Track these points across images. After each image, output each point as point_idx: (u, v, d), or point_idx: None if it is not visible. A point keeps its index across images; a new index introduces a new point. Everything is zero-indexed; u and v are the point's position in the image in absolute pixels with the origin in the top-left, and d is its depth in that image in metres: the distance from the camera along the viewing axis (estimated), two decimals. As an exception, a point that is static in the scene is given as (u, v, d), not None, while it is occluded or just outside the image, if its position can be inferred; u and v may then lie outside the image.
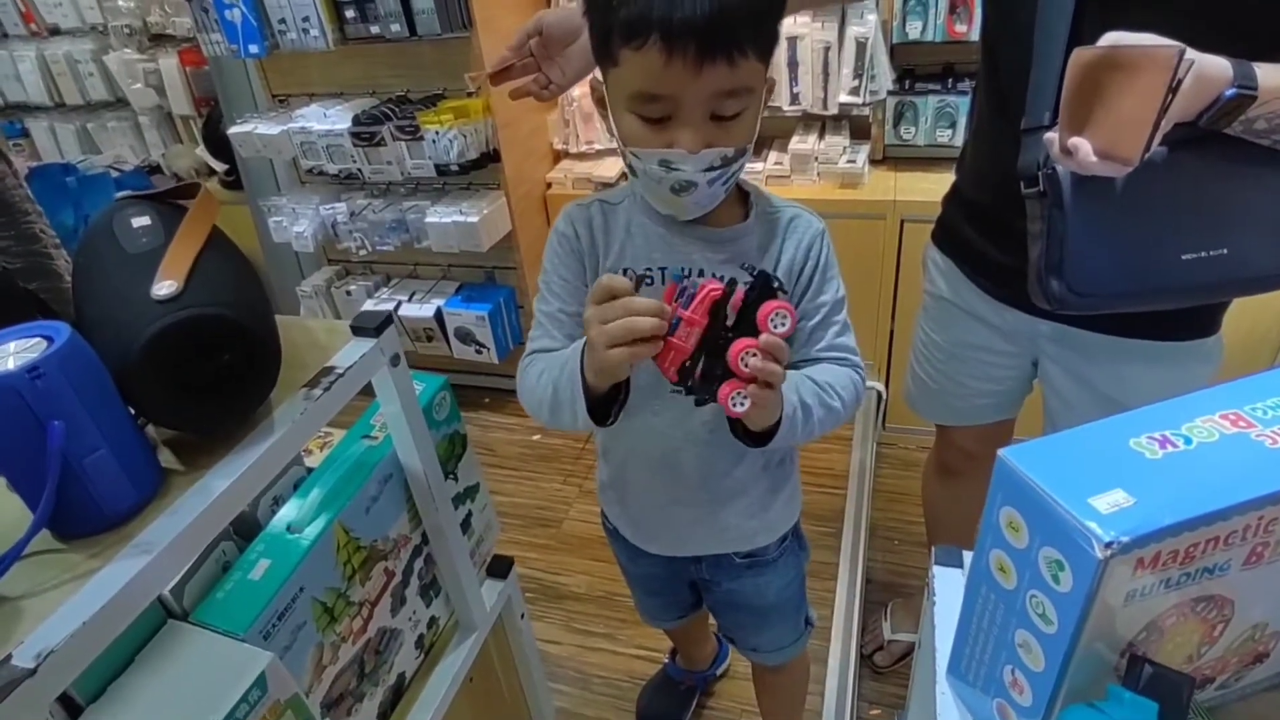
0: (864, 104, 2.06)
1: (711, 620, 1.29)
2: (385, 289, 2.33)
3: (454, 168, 1.98)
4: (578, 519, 1.97)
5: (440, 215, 2.08)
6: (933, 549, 0.67)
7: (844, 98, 2.04)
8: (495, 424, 2.37)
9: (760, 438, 0.79)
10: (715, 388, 0.70)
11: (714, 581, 1.07)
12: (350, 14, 1.91)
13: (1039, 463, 0.49)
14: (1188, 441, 0.50)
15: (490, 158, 2.07)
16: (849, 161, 2.07)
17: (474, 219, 2.04)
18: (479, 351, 2.24)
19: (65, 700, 0.63)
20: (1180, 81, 0.67)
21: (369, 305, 2.24)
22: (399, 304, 2.24)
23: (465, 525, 1.03)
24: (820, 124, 2.22)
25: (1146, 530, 0.44)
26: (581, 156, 2.36)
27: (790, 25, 2.01)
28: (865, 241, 2.06)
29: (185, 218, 0.67)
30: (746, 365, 0.68)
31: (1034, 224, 0.89)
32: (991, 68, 1.03)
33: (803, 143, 2.14)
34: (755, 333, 0.68)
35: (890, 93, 2.05)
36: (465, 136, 1.97)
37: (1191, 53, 0.68)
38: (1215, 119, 0.75)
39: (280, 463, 0.67)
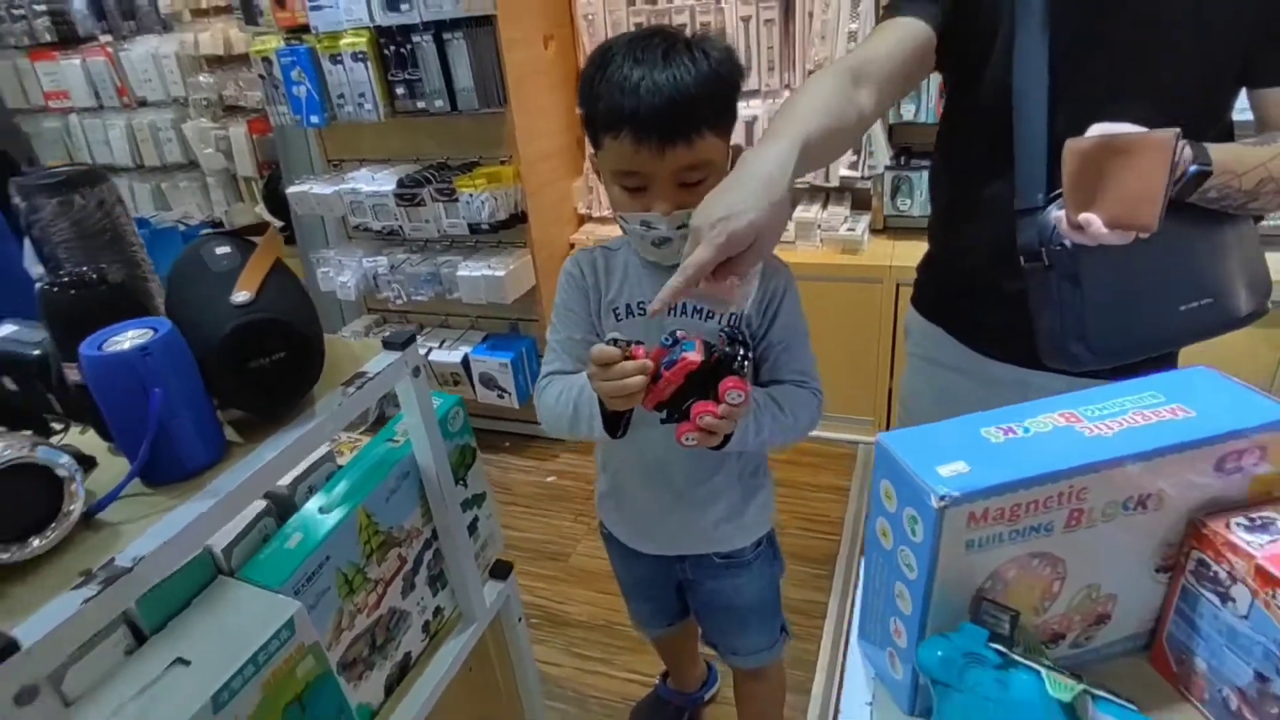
0: (863, 178, 2.24)
1: (702, 647, 1.39)
2: (418, 336, 2.53)
3: (485, 226, 2.19)
4: (585, 554, 2.09)
5: (471, 270, 2.28)
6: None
7: (845, 171, 2.23)
8: (514, 465, 2.52)
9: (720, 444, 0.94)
10: (681, 418, 0.86)
11: (697, 581, 1.19)
12: (400, 91, 2.16)
13: (907, 445, 0.62)
14: (1026, 431, 0.63)
15: (519, 219, 2.28)
16: (849, 229, 2.24)
17: (501, 274, 2.24)
18: (501, 396, 2.41)
19: (134, 631, 0.78)
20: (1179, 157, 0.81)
21: (403, 350, 2.44)
22: (430, 350, 2.43)
23: (472, 529, 1.16)
24: (824, 195, 2.40)
25: (974, 489, 0.57)
26: (604, 220, 2.57)
27: (793, 106, 2.21)
28: (864, 303, 2.21)
29: (257, 248, 0.85)
30: (702, 421, 0.84)
31: (1037, 293, 0.97)
32: (969, 149, 1.11)
33: (806, 211, 2.31)
34: (716, 394, 0.84)
35: (888, 168, 2.23)
36: (496, 199, 2.18)
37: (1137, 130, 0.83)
38: (1181, 191, 0.88)
39: (317, 443, 0.83)
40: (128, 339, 0.69)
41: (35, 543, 0.62)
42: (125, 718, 0.71)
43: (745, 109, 2.28)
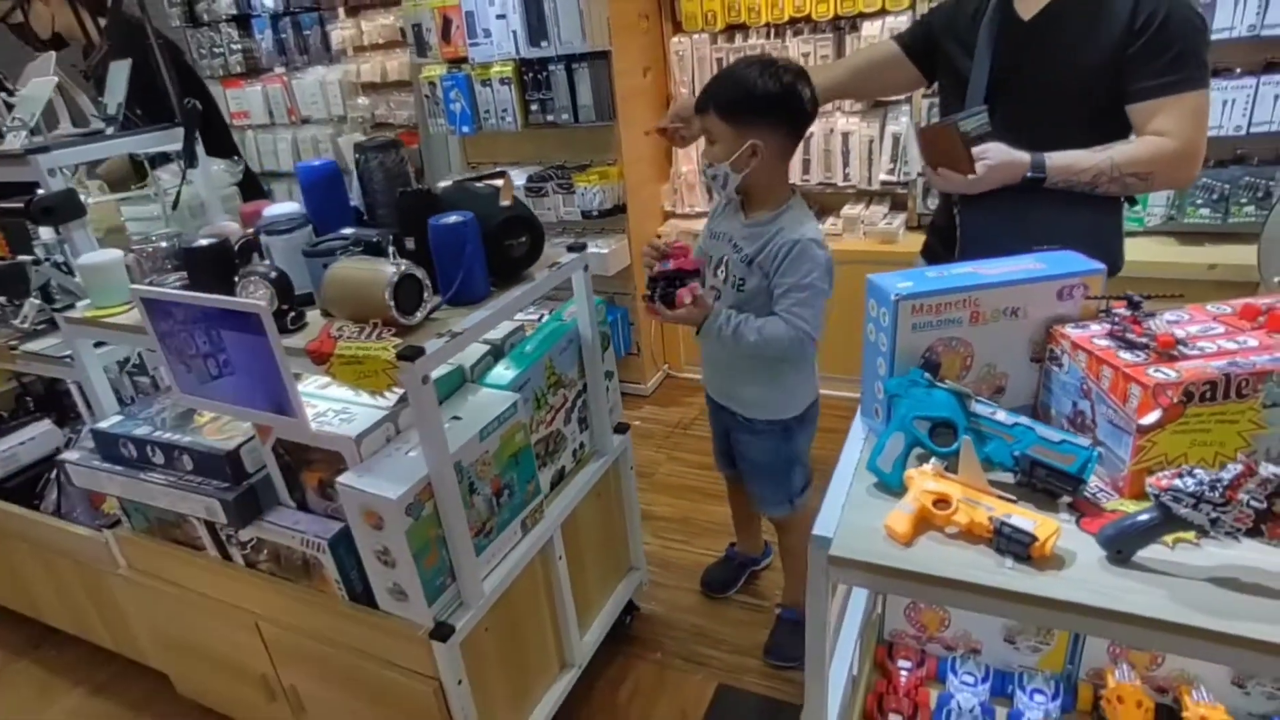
0: (900, 182, 2.74)
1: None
2: (530, 308, 3.13)
3: (595, 214, 2.76)
4: (666, 474, 2.61)
5: (580, 250, 2.85)
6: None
7: (884, 176, 2.73)
8: (604, 415, 3.07)
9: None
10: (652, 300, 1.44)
11: (732, 430, 1.71)
12: (534, 107, 2.78)
13: (883, 279, 1.13)
14: (948, 271, 1.13)
15: (620, 209, 2.85)
16: (887, 224, 2.74)
17: (605, 251, 2.81)
18: (598, 354, 2.96)
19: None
20: (966, 136, 1.36)
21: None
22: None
23: (607, 391, 1.70)
24: (868, 197, 2.91)
25: (915, 292, 1.07)
26: (685, 216, 3.12)
27: (844, 124, 2.74)
28: (898, 283, 2.69)
29: (503, 182, 1.41)
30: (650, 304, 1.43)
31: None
32: None
33: (852, 210, 2.82)
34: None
35: (919, 174, 2.72)
36: (605, 192, 2.76)
37: (1003, 155, 1.38)
38: (1031, 183, 1.40)
39: (536, 295, 1.38)
40: (452, 218, 1.26)
41: (418, 315, 1.18)
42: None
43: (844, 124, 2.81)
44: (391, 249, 1.25)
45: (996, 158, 1.39)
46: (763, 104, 1.42)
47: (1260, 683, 1.30)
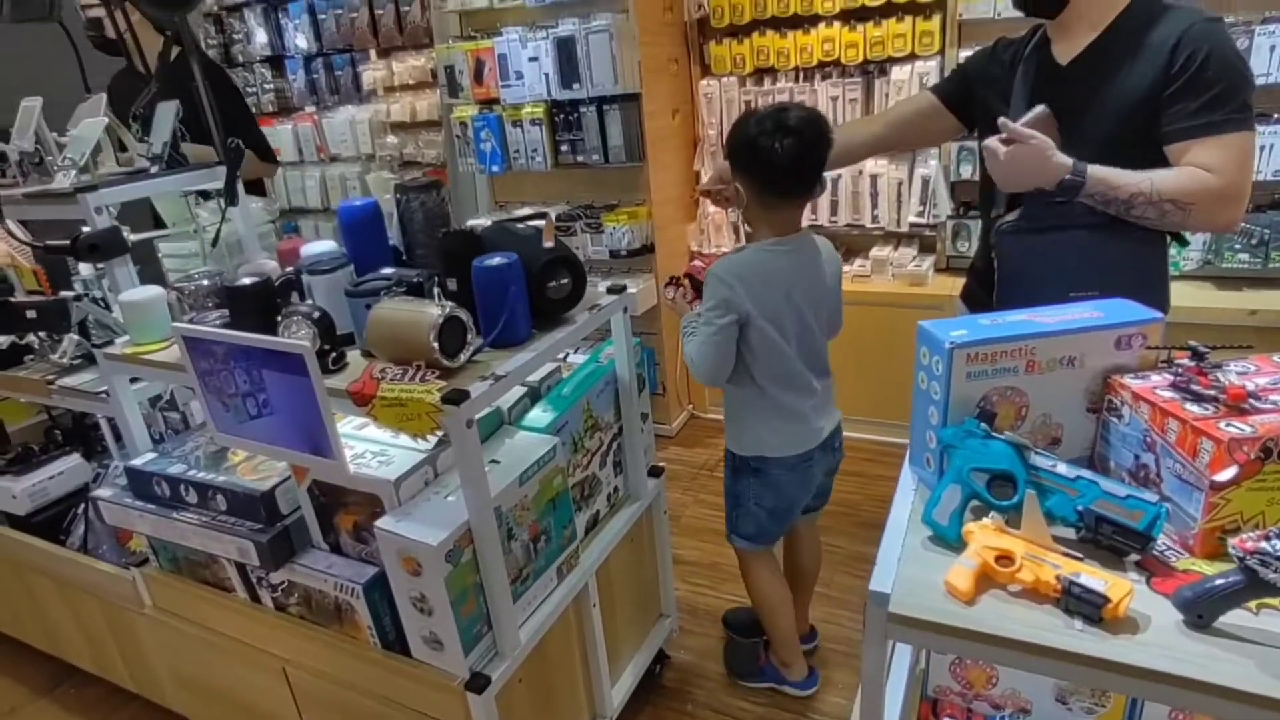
0: (929, 225, 2.74)
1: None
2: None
3: (623, 253, 2.77)
4: (692, 516, 2.56)
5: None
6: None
7: (913, 219, 2.73)
8: (628, 455, 3.04)
9: None
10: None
11: None
12: (564, 148, 2.80)
13: (934, 326, 1.11)
14: (1004, 319, 1.11)
15: (648, 249, 2.86)
16: (916, 266, 2.72)
17: (632, 290, 2.80)
18: (623, 393, 2.94)
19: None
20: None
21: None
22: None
23: (641, 434, 1.68)
24: (896, 239, 2.90)
25: (969, 340, 1.05)
26: (712, 256, 3.12)
27: (872, 167, 2.74)
28: (928, 326, 2.67)
29: (545, 222, 1.41)
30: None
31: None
32: (984, 184, 1.68)
33: (880, 252, 2.81)
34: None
35: (950, 217, 2.71)
36: (633, 232, 2.77)
37: (1047, 149, 1.33)
38: (1063, 191, 1.35)
39: (578, 339, 1.37)
40: (496, 260, 1.25)
41: (462, 357, 1.17)
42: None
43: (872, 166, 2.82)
44: (436, 290, 1.24)
45: (1036, 150, 1.33)
46: (731, 151, 1.53)
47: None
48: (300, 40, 3.92)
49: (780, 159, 1.45)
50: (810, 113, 1.48)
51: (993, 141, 1.38)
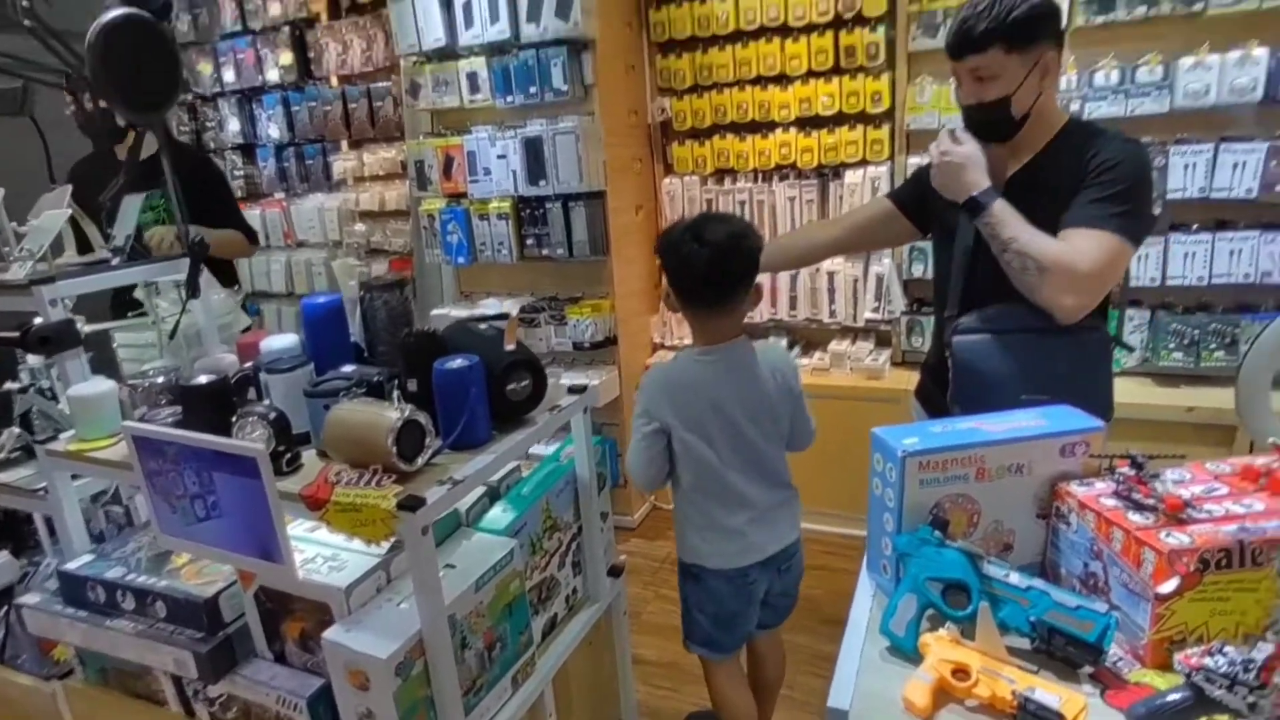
0: (885, 320, 2.83)
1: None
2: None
3: (586, 345, 2.80)
4: (653, 613, 2.51)
5: (570, 379, 2.86)
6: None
7: (869, 314, 2.82)
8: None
9: None
10: None
11: None
12: (530, 241, 2.87)
13: (887, 434, 1.14)
14: (953, 427, 1.14)
15: (611, 341, 2.90)
16: (873, 361, 2.80)
17: (595, 382, 2.82)
18: (585, 484, 2.92)
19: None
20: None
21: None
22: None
23: (601, 533, 1.66)
24: (853, 334, 2.99)
25: (921, 449, 1.07)
26: (673, 348, 3.17)
27: (829, 264, 2.85)
28: (884, 417, 2.71)
29: (508, 323, 1.43)
30: None
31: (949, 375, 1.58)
32: (938, 287, 1.75)
33: (839, 346, 2.89)
34: None
35: (904, 313, 2.81)
36: (596, 325, 2.81)
37: (970, 164, 1.46)
38: (967, 207, 1.46)
39: (538, 439, 1.36)
40: (457, 362, 1.26)
41: (420, 460, 1.16)
42: (437, 576, 1.21)
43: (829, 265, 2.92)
44: (395, 392, 1.24)
45: (961, 158, 1.47)
46: (658, 256, 1.62)
47: None
48: (273, 130, 3.99)
49: (694, 268, 1.51)
50: (734, 226, 1.53)
51: (944, 134, 1.53)
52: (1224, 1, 2.29)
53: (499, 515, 1.41)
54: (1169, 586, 0.91)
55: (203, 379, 1.29)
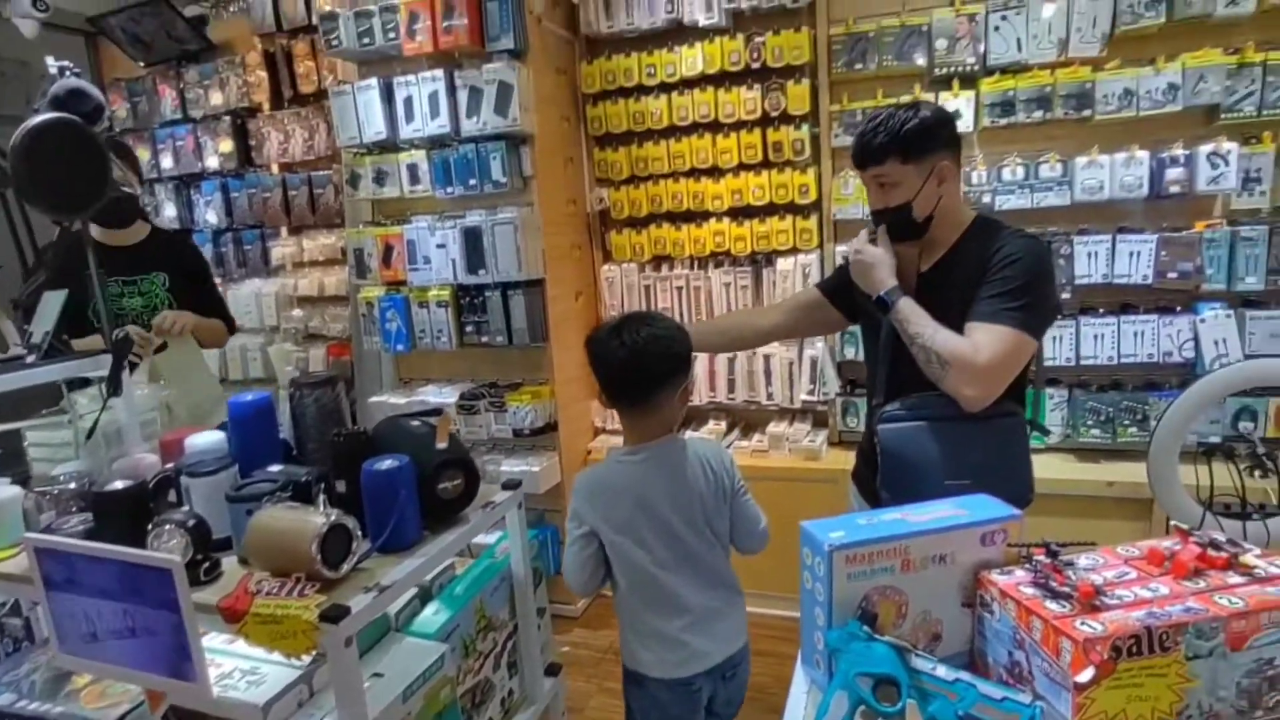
0: (821, 401, 2.90)
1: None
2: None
3: (526, 432, 2.78)
4: (597, 708, 2.43)
5: (510, 466, 2.84)
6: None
7: (805, 396, 2.88)
8: (531, 639, 2.90)
9: None
10: None
11: None
12: (469, 328, 2.87)
13: (816, 527, 1.16)
14: (878, 519, 1.17)
15: (551, 427, 2.89)
16: (810, 441, 2.85)
17: (536, 469, 2.80)
18: (526, 573, 2.85)
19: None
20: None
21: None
22: (468, 533, 2.92)
23: (538, 629, 1.62)
24: (791, 415, 3.05)
25: (847, 542, 1.10)
26: (615, 431, 3.18)
27: (766, 349, 2.92)
28: (823, 498, 2.75)
29: (440, 419, 1.42)
30: None
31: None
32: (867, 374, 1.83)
33: (776, 428, 2.94)
34: None
35: (838, 394, 2.89)
36: (536, 411, 2.80)
37: (879, 264, 1.57)
38: (878, 304, 1.56)
39: (468, 539, 1.34)
40: (386, 464, 1.24)
41: (345, 567, 1.13)
42: (362, 689, 1.16)
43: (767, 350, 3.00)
44: (322, 496, 1.22)
45: (871, 259, 1.59)
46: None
47: None
48: (210, 215, 3.97)
49: (612, 367, 1.54)
50: (658, 328, 1.53)
51: (863, 233, 1.64)
52: (1108, 109, 2.51)
53: (430, 618, 1.37)
54: (1086, 676, 0.93)
55: (117, 484, 1.24)
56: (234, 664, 1.20)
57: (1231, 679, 0.98)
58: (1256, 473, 1.71)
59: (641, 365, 1.51)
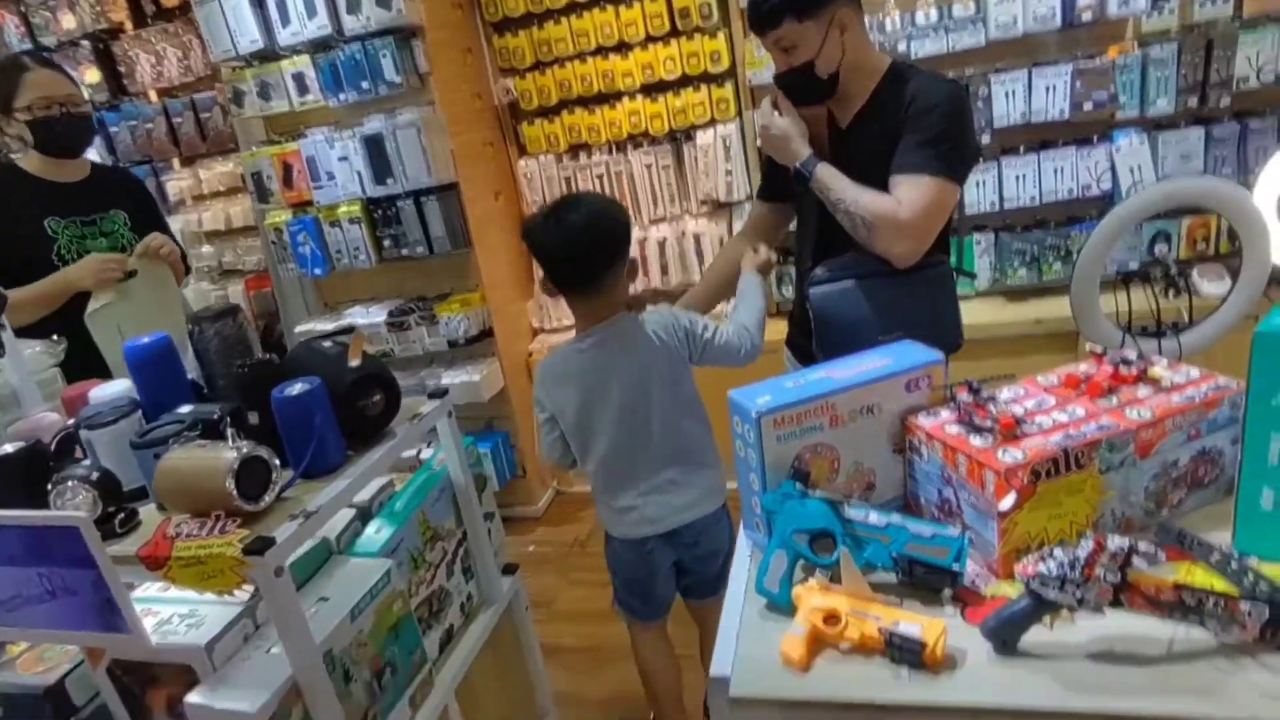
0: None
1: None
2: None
3: (461, 341, 2.72)
4: (568, 600, 2.50)
5: (452, 378, 2.79)
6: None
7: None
8: (497, 544, 2.94)
9: None
10: None
11: None
12: (387, 243, 2.74)
13: (742, 394, 1.14)
14: (804, 379, 1.16)
15: (487, 334, 2.83)
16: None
17: (477, 378, 2.76)
18: (483, 482, 2.86)
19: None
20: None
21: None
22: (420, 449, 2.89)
23: (489, 534, 1.62)
24: (728, 292, 3.03)
25: (772, 406, 1.09)
26: (554, 330, 3.13)
27: (693, 226, 2.86)
28: (761, 369, 2.78)
29: (352, 338, 1.36)
30: None
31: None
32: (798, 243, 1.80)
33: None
34: None
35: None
36: (469, 319, 2.73)
37: (790, 136, 1.53)
38: (797, 177, 1.53)
39: (400, 452, 1.31)
40: (296, 388, 1.18)
41: (267, 498, 1.09)
42: (307, 614, 1.15)
43: (655, 232, 2.93)
44: (231, 429, 1.16)
45: (779, 131, 1.55)
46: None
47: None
48: (90, 154, 3.65)
49: (552, 252, 1.50)
50: (593, 206, 1.51)
51: (765, 103, 1.59)
52: (1017, -64, 2.41)
53: (372, 536, 1.35)
54: (1008, 503, 0.96)
55: (7, 448, 1.16)
56: (172, 610, 1.17)
57: (1141, 485, 1.02)
58: (1171, 293, 1.75)
59: (579, 248, 1.48)
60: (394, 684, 1.25)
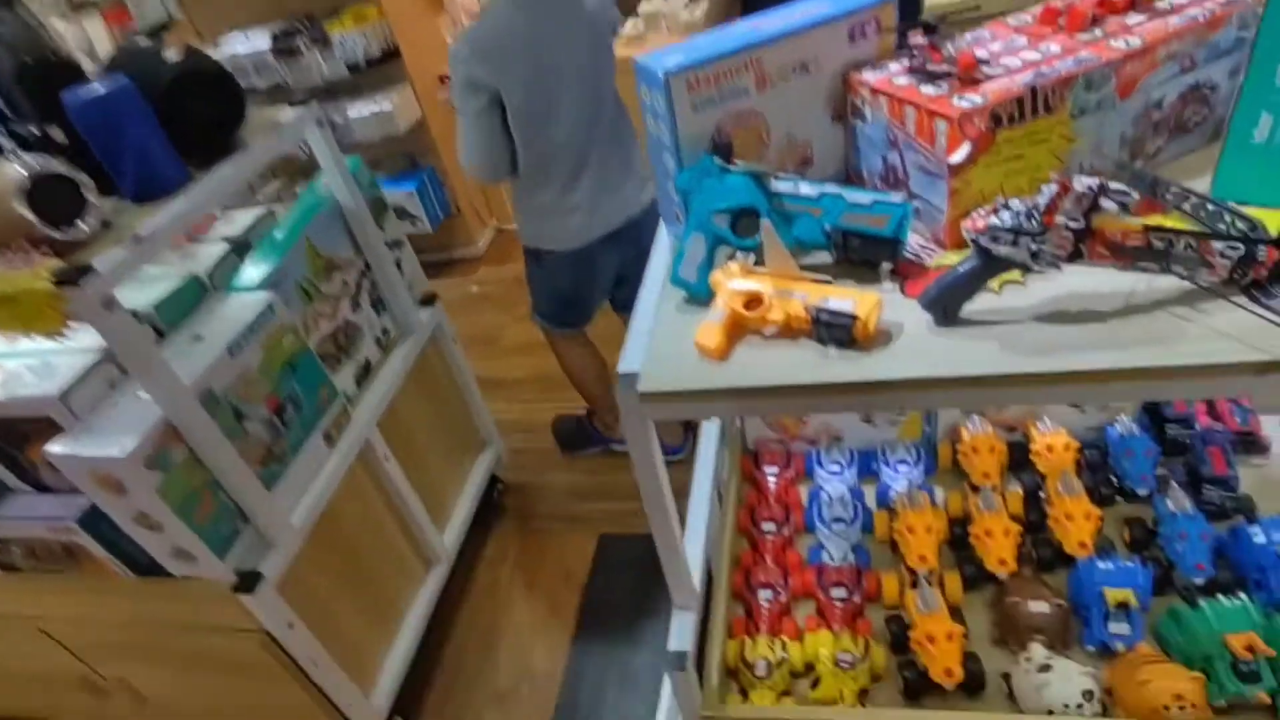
0: (695, -36, 2.46)
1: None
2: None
3: (363, 65, 2.36)
4: (514, 335, 2.44)
5: (360, 110, 2.47)
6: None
7: None
8: (439, 286, 2.80)
9: None
10: None
11: None
12: (251, -56, 2.27)
13: (649, 59, 0.93)
14: (727, 31, 0.94)
15: (393, 54, 2.46)
16: (689, 15, 2.49)
17: (389, 108, 2.44)
18: (414, 224, 2.66)
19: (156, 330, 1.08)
20: None
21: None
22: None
23: (400, 268, 1.47)
24: (665, -12, 2.62)
25: (686, 64, 0.88)
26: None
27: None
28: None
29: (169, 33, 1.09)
30: None
31: None
32: None
33: (650, 5, 2.54)
34: None
35: (714, -51, 2.45)
36: (367, 37, 2.35)
37: None
38: None
39: (249, 171, 1.10)
40: (95, 90, 0.95)
41: (85, 225, 0.90)
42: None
43: None
44: (10, 141, 0.94)
45: None
46: None
47: (1096, 400, 1.33)
48: None
49: None
50: None
51: None
52: None
53: (251, 272, 1.19)
54: (961, 155, 0.80)
55: None
56: (20, 363, 1.04)
57: (1117, 131, 0.87)
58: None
59: None
60: (299, 420, 1.17)
